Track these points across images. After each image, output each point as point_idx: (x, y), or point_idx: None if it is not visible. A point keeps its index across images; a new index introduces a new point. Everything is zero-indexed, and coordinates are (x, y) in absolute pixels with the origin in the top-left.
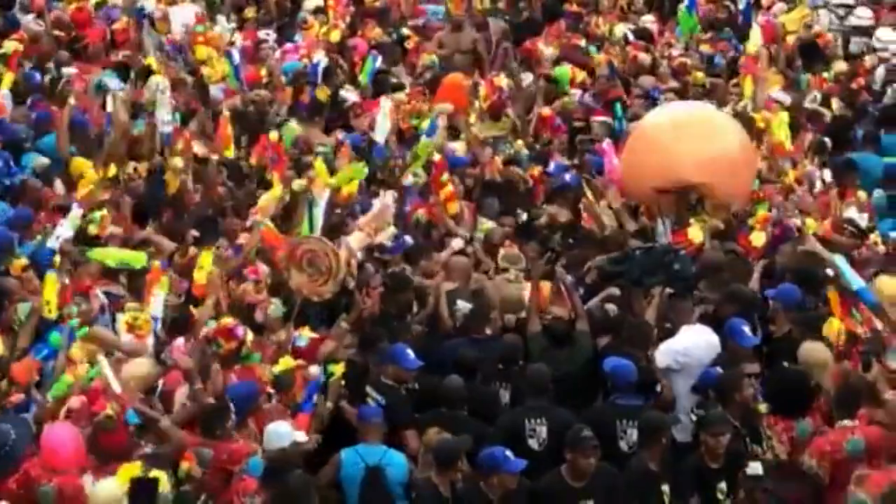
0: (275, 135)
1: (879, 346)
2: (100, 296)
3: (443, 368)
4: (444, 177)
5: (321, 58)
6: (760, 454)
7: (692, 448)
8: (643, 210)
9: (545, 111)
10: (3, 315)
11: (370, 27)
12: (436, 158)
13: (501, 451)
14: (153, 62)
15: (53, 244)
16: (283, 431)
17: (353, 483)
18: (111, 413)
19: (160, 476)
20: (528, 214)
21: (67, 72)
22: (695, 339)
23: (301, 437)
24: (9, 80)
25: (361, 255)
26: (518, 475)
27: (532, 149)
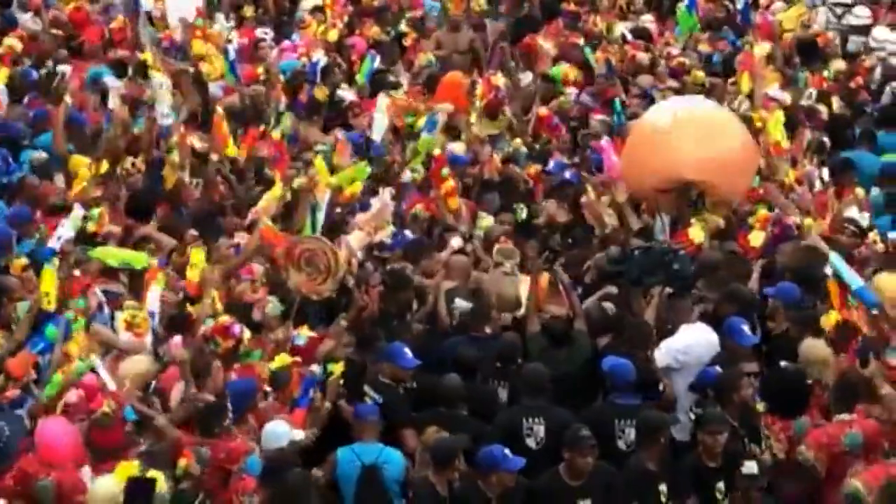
0: (277, 133)
1: (879, 343)
2: (98, 294)
3: (442, 367)
4: (445, 171)
5: (320, 57)
6: (759, 454)
7: (691, 447)
8: (644, 207)
9: (542, 111)
10: (2, 312)
11: (368, 26)
12: (436, 153)
13: (500, 450)
14: (149, 58)
15: (55, 244)
16: (281, 431)
17: (350, 482)
18: (108, 410)
19: (157, 476)
20: (528, 210)
21: (62, 69)
22: (695, 338)
23: (299, 435)
24: (3, 76)
25: (361, 254)
26: (517, 474)
27: (532, 148)
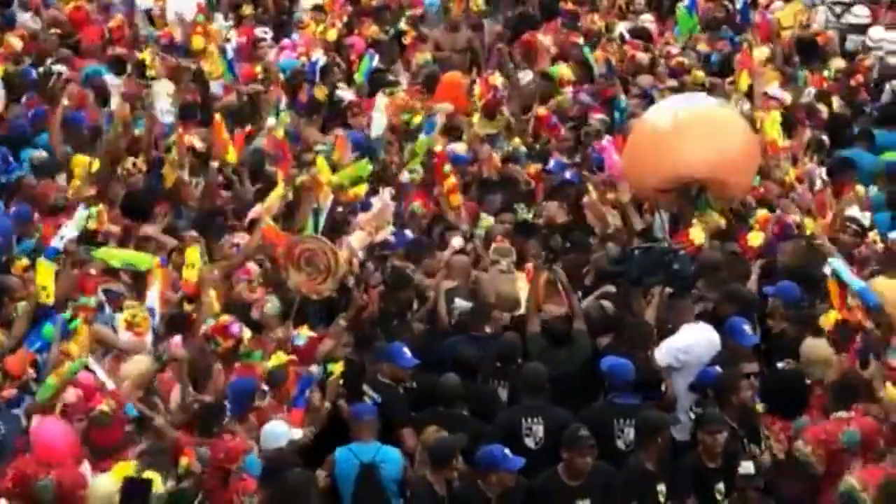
0: (280, 132)
1: (879, 343)
2: (98, 293)
3: (442, 366)
4: (447, 168)
5: (319, 56)
6: (758, 454)
7: (691, 447)
8: (646, 207)
9: (541, 111)
10: (3, 311)
11: (367, 25)
12: (437, 150)
13: (500, 450)
14: (147, 56)
15: (58, 244)
16: (280, 431)
17: (348, 481)
18: (106, 409)
19: (154, 477)
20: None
21: (58, 68)
22: (696, 337)
23: (297, 435)
24: None
25: (362, 254)
26: (516, 473)
27: (532, 148)
